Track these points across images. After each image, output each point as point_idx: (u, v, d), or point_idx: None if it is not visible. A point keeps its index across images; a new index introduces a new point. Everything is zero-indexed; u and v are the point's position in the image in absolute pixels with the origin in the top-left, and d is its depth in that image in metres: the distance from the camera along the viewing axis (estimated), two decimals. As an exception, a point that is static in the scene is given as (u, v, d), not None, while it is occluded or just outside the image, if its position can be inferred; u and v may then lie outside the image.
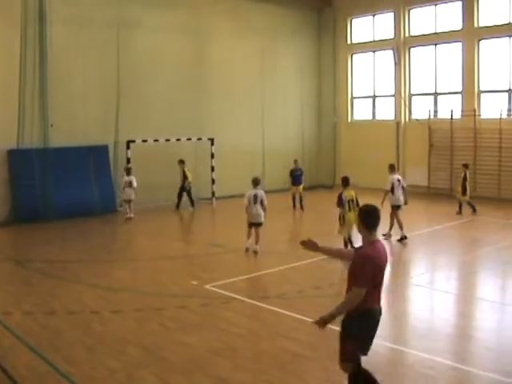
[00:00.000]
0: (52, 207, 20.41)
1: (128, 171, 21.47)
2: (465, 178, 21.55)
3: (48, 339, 9.66)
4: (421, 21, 27.14)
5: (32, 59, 20.66)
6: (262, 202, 15.68)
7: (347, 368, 6.96)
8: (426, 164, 26.68)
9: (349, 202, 15.27)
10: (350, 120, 30.67)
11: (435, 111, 26.88)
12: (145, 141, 22.73)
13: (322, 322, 6.62)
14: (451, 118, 25.70)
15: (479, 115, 25.12)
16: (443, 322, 10.60)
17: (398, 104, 28.21)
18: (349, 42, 30.26)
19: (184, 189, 23.46)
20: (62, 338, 9.76)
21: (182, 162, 23.45)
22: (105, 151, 22.52)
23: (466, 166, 22.02)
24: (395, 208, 17.29)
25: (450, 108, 25.87)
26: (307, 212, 22.34)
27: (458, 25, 25.66)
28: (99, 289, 12.57)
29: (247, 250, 15.93)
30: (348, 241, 15.35)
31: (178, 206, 23.43)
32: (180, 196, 23.55)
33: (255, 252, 15.77)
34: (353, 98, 30.63)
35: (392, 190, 17.11)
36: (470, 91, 25.47)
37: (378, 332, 6.98)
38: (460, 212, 21.40)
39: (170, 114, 24.37)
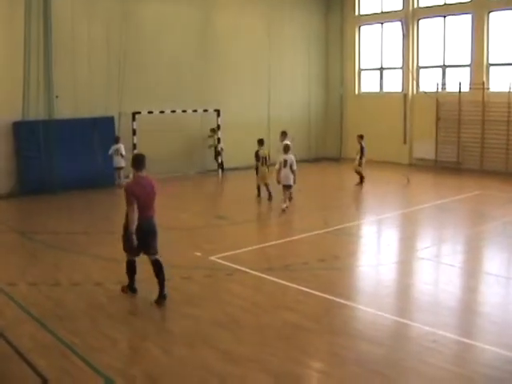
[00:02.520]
0: (57, 179, 20.37)
1: (117, 139, 21.65)
2: (362, 150, 21.71)
3: (52, 310, 9.69)
4: (430, -8, 26.80)
5: (36, 30, 20.47)
6: (291, 167, 17.19)
7: (127, 256, 10.17)
8: (434, 137, 26.49)
9: (263, 158, 18.99)
10: (357, 92, 30.44)
11: (443, 84, 26.62)
12: (150, 112, 22.66)
13: (130, 242, 9.63)
14: (459, 91, 25.45)
15: (488, 88, 24.86)
16: (448, 295, 10.57)
17: (405, 76, 27.94)
18: (356, 13, 29.90)
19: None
20: (65, 309, 9.78)
21: (213, 130, 24.98)
22: (110, 123, 22.42)
23: (361, 137, 22.33)
24: None
25: (459, 81, 25.59)
26: (312, 184, 22.24)
27: (467, -4, 25.33)
28: (103, 260, 12.58)
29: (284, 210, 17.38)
30: (264, 185, 19.00)
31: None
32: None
33: (284, 210, 17.21)
34: (360, 69, 30.36)
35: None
36: (478, 64, 25.18)
37: (382, 305, 7.06)
38: (361, 182, 21.87)
39: (175, 86, 24.22)
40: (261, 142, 19.44)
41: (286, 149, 17.58)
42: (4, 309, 9.80)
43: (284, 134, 19.71)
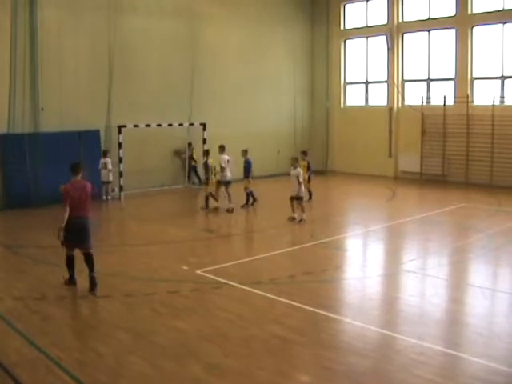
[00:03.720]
0: (43, 192, 20.25)
1: (104, 153, 21.73)
2: (309, 166, 21.14)
3: (38, 324, 9.63)
4: (414, 7, 27.02)
5: (22, 43, 20.46)
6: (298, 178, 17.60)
7: (66, 251, 11.51)
8: (419, 150, 26.65)
9: (213, 167, 20.01)
10: (342, 105, 30.59)
11: (428, 97, 26.83)
12: (136, 126, 22.62)
13: (57, 235, 11.09)
14: (444, 105, 25.67)
15: (472, 102, 25.08)
16: (434, 307, 10.61)
17: (390, 90, 28.14)
18: (342, 27, 30.11)
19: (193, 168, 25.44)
20: (51, 324, 9.73)
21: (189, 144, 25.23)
22: (96, 136, 22.37)
23: (305, 153, 21.42)
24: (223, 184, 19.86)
25: (443, 94, 25.82)
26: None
27: (451, 11, 25.56)
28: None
29: (293, 219, 17.67)
30: (211, 196, 20.06)
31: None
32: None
33: (300, 220, 17.53)
34: (346, 83, 30.54)
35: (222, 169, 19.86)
36: (463, 78, 25.41)
37: (368, 318, 8.12)
38: (310, 198, 21.23)
39: (161, 99, 24.25)
40: (207, 152, 20.56)
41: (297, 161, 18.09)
42: (-11, 323, 9.74)
43: (222, 148, 20.18)
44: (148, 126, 22.99)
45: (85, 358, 8.33)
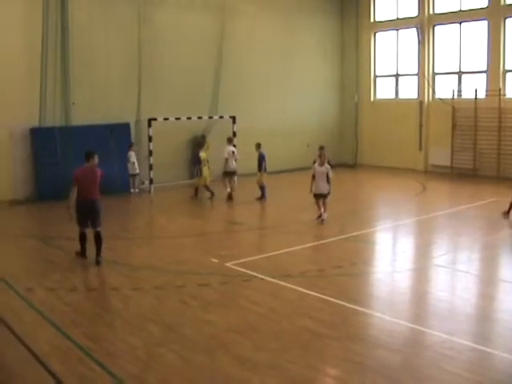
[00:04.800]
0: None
1: (129, 146, 21.96)
2: (329, 162, 18.44)
3: (69, 315, 9.78)
4: (445, -2, 26.77)
5: (54, 37, 20.67)
6: (327, 176, 16.89)
7: (79, 229, 12.96)
8: (449, 144, 26.40)
9: (204, 160, 20.68)
10: (372, 99, 30.41)
11: (459, 90, 26.54)
12: (166, 119, 22.74)
13: (68, 215, 12.61)
14: (475, 98, 25.37)
15: (504, 95, 24.76)
16: (464, 302, 10.53)
17: (421, 83, 27.89)
18: (372, 20, 29.90)
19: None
20: (83, 315, 9.88)
21: (203, 137, 23.81)
22: (126, 129, 22.55)
23: (323, 148, 18.86)
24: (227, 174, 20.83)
25: (475, 87, 25.53)
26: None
27: (483, 2, 25.25)
28: (119, 266, 12.65)
29: (319, 217, 16.91)
30: (204, 187, 20.96)
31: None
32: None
33: (322, 220, 16.79)
34: (376, 76, 30.34)
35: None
36: (494, 70, 25.09)
37: (398, 312, 9.02)
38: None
39: (191, 92, 24.29)
40: (200, 144, 21.28)
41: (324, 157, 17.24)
42: (22, 314, 9.89)
43: (229, 140, 21.17)
44: (178, 119, 23.10)
45: (116, 349, 8.42)
